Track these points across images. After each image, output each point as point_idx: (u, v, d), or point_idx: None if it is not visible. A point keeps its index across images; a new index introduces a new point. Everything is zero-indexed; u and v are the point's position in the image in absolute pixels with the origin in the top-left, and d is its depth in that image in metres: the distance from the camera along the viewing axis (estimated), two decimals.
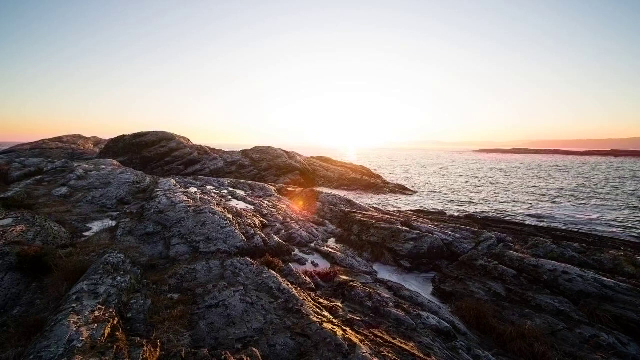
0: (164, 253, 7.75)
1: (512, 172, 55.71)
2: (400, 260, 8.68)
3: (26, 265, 5.81)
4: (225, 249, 7.79)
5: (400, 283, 7.15)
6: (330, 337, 4.05)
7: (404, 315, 5.19)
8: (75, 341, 3.40)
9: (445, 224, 11.71)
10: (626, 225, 17.85)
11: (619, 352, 4.74)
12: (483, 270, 7.31)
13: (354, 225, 11.03)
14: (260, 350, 3.93)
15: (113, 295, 4.60)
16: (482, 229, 11.22)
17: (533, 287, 6.47)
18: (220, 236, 8.27)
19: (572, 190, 31.99)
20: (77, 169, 17.93)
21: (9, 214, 8.86)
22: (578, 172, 55.97)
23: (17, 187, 14.77)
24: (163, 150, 33.95)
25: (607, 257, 7.59)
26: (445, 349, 4.51)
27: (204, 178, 21.46)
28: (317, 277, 6.90)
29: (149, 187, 16.18)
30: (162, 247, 8.08)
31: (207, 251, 7.64)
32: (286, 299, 5.21)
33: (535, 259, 7.23)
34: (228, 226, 8.78)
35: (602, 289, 5.95)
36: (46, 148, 38.68)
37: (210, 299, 5.13)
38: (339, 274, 7.11)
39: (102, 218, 11.06)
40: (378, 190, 29.55)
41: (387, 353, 3.98)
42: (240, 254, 7.62)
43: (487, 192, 30.92)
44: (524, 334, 5.01)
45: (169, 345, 3.94)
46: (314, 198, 15.56)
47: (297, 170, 32.68)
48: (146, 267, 6.74)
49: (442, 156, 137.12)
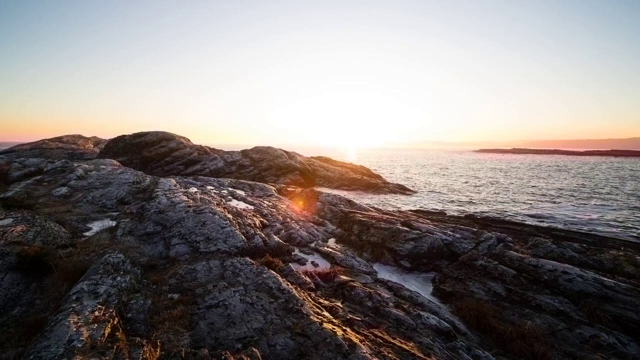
0: (164, 253, 7.75)
1: (512, 172, 55.72)
2: (400, 260, 8.68)
3: (26, 265, 5.81)
4: (225, 249, 7.80)
5: (400, 283, 7.15)
6: (330, 337, 4.06)
7: (404, 315, 5.19)
8: (75, 341, 3.40)
9: (445, 224, 11.71)
10: (626, 225, 17.85)
11: (619, 352, 4.75)
12: (483, 270, 7.31)
13: (354, 225, 11.03)
14: (260, 350, 3.93)
15: (113, 295, 4.60)
16: (482, 229, 11.22)
17: (533, 287, 6.47)
18: (220, 236, 8.27)
19: (572, 190, 32.00)
20: (77, 169, 17.93)
21: (9, 214, 8.86)
22: (578, 172, 55.98)
23: (17, 187, 14.77)
24: (163, 150, 33.95)
25: (607, 257, 7.59)
26: (445, 349, 4.51)
27: (204, 178, 21.46)
28: (317, 277, 6.90)
29: (149, 187, 16.18)
30: (162, 247, 8.08)
31: (207, 251, 7.64)
32: (286, 299, 5.21)
33: (535, 259, 7.23)
34: (228, 226, 8.77)
35: (602, 289, 5.95)
36: (46, 148, 38.69)
37: (210, 299, 5.13)
38: (339, 274, 7.11)
39: (102, 218, 11.06)
40: (378, 190, 29.55)
41: (387, 353, 3.98)
42: (240, 254, 7.62)
43: (487, 192, 30.93)
44: (524, 334, 5.01)
45: (169, 345, 3.94)
46: (314, 198, 15.55)
47: (297, 170, 32.68)
48: (146, 267, 6.74)
49: (442, 156, 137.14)
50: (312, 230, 10.65)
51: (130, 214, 10.98)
